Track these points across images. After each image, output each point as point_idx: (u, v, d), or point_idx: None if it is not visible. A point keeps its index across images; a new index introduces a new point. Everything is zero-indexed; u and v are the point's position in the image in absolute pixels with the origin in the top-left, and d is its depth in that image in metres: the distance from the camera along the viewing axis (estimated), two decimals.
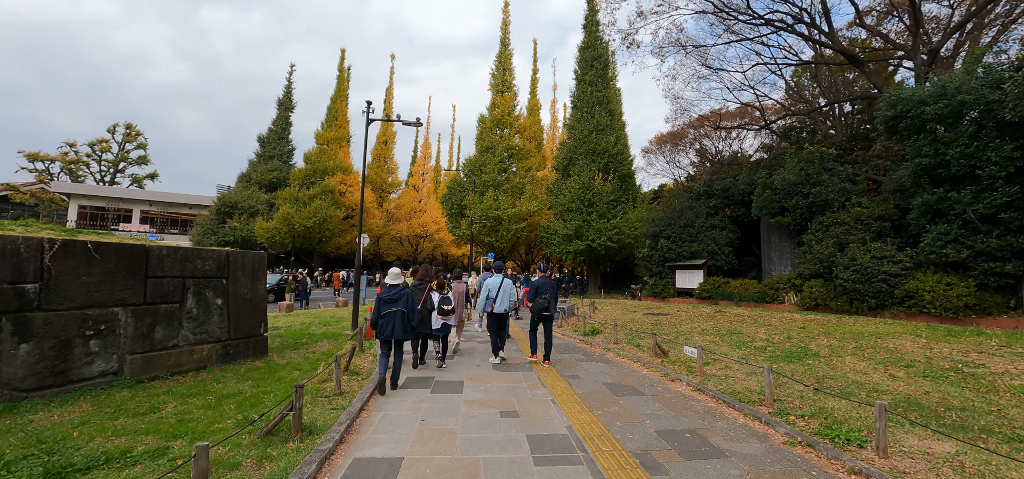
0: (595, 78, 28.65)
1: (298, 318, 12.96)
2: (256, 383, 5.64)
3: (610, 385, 6.06)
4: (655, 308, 17.24)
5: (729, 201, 21.74)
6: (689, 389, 5.76)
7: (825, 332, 9.12)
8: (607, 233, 25.01)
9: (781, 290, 17.05)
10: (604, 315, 14.05)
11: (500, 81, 33.11)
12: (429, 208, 46.05)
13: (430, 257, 47.39)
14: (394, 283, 5.92)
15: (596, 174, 26.59)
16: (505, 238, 29.13)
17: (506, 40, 34.22)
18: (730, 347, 8.23)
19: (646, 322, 11.82)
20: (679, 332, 9.94)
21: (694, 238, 21.00)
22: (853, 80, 23.98)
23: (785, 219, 17.68)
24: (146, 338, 5.58)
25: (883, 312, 13.74)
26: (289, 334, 9.58)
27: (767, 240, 20.16)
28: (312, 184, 35.47)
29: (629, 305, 18.10)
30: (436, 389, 5.79)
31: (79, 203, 39.16)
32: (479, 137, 32.54)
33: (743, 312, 13.60)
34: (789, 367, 6.61)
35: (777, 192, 17.79)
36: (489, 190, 29.73)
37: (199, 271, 6.20)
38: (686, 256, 21.03)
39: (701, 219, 21.34)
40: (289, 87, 45.57)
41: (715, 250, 20.49)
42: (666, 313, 14.32)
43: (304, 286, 17.96)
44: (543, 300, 7.28)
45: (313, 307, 18.36)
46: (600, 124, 27.71)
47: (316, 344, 8.62)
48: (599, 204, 25.92)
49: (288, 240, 34.61)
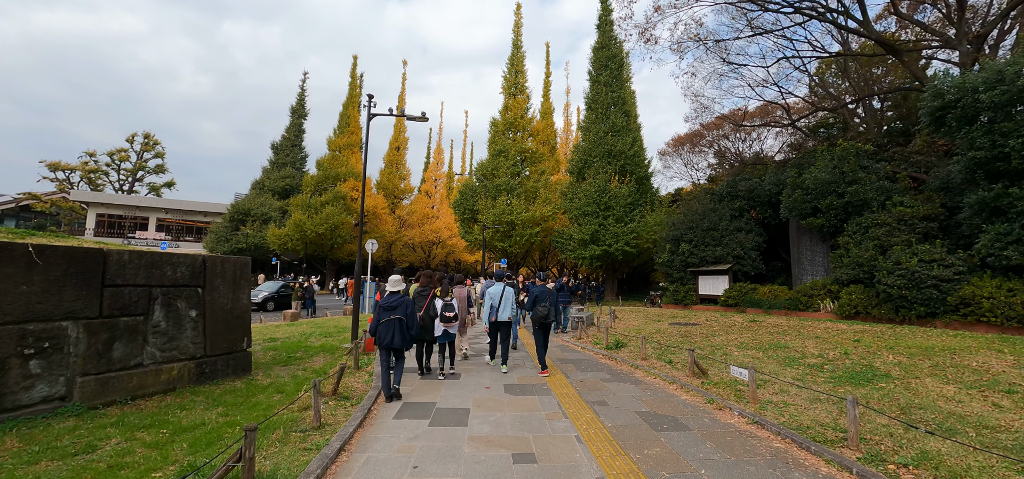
0: (610, 79, 27.66)
1: (300, 328, 12.22)
2: (227, 410, 4.81)
3: (646, 415, 5.08)
4: (680, 317, 16.09)
5: (755, 202, 20.50)
6: (743, 421, 4.76)
7: (886, 346, 7.94)
8: (624, 237, 23.91)
9: (816, 297, 15.75)
10: (626, 325, 13.00)
11: (512, 84, 32.35)
12: (442, 214, 45.48)
13: (443, 263, 46.76)
14: (394, 290, 5.76)
15: (612, 176, 25.55)
16: (519, 243, 28.21)
17: (518, 42, 33.50)
18: (779, 364, 7.14)
19: (674, 333, 10.75)
20: (713, 345, 8.86)
21: (718, 242, 19.79)
22: (883, 74, 22.60)
23: (818, 220, 16.41)
24: (102, 357, 4.80)
25: (934, 321, 12.46)
26: (285, 347, 8.79)
27: (797, 243, 18.86)
28: (324, 190, 35.14)
29: (651, 313, 16.98)
30: (436, 419, 4.91)
31: (97, 211, 39.53)
32: (491, 141, 31.78)
33: (780, 321, 12.40)
34: (858, 391, 5.53)
35: (809, 192, 16.56)
36: (502, 194, 28.90)
37: (169, 279, 5.42)
38: (710, 261, 19.83)
39: (725, 222, 20.13)
40: (302, 95, 45.57)
41: (741, 254, 19.25)
42: (694, 322, 13.21)
43: (311, 294, 17.29)
44: (543, 309, 7.19)
45: (320, 315, 17.68)
46: (616, 125, 26.69)
47: (311, 359, 7.80)
48: (616, 207, 24.85)
49: (300, 247, 34.27)
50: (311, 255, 35.80)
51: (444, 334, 6.95)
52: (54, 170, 43.21)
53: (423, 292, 6.86)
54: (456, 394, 5.84)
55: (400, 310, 5.61)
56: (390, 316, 5.55)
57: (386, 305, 5.64)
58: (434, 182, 50.97)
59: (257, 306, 18.83)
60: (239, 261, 6.29)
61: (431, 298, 6.83)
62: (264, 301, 19.41)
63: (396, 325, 5.55)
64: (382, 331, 5.56)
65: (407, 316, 5.67)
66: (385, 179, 43.99)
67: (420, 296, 6.85)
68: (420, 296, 6.85)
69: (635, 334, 10.84)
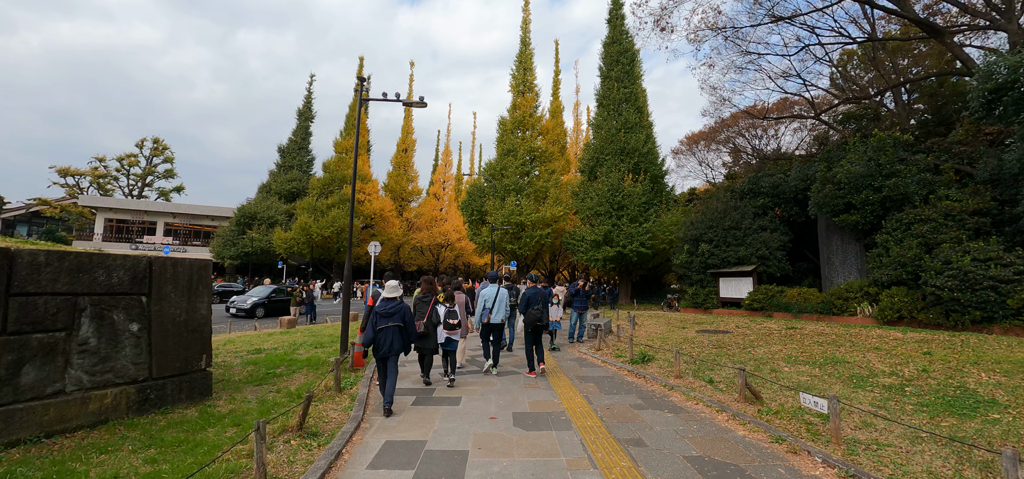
0: (622, 74, 26.48)
1: (292, 337, 11.28)
2: (159, 454, 3.78)
3: (699, 463, 3.91)
4: (706, 323, 14.85)
5: (779, 200, 19.17)
6: (834, 474, 3.60)
7: (968, 360, 6.68)
8: (639, 238, 22.68)
9: (851, 300, 14.41)
10: (648, 332, 11.82)
11: (521, 81, 31.33)
12: (450, 217, 44.60)
13: (452, 266, 45.83)
14: (391, 296, 5.58)
15: (626, 175, 24.36)
16: (528, 245, 27.08)
17: (527, 40, 32.48)
18: (845, 385, 5.95)
19: (704, 343, 9.56)
20: (755, 359, 7.68)
21: (741, 242, 18.48)
22: (910, 63, 21.13)
23: (852, 217, 15.10)
24: (4, 384, 3.82)
25: (991, 326, 11.19)
26: (267, 361, 7.81)
27: (826, 242, 17.53)
28: (330, 193, 34.41)
29: (672, 319, 15.74)
30: (424, 470, 3.78)
31: (106, 216, 39.32)
32: (500, 140, 30.74)
33: (822, 329, 11.14)
34: (964, 426, 4.33)
35: (841, 187, 15.26)
36: (511, 195, 27.82)
37: (103, 286, 4.44)
38: (732, 262, 18.52)
39: (748, 220, 18.82)
40: (309, 97, 45.07)
41: (766, 255, 17.93)
42: (724, 330, 11.98)
43: (311, 299, 16.34)
44: (536, 311, 7.13)
45: (321, 321, 16.73)
46: (628, 121, 25.50)
47: (292, 377, 6.80)
48: (630, 207, 23.64)
49: (306, 250, 33.56)
50: (318, 259, 35.08)
51: (447, 341, 6.78)
52: (64, 175, 43.21)
53: (425, 299, 6.62)
54: (453, 427, 4.75)
55: (399, 317, 5.46)
56: (388, 323, 5.40)
57: (383, 312, 5.44)
58: (442, 184, 50.14)
59: (245, 313, 17.85)
60: (196, 264, 5.29)
61: (433, 305, 6.57)
62: (253, 308, 18.19)
63: (395, 332, 5.41)
64: (380, 340, 5.40)
65: (406, 322, 5.54)
66: (392, 181, 43.24)
67: (421, 303, 6.60)
68: (421, 303, 6.60)
69: (660, 344, 9.68)
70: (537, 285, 7.69)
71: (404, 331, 5.51)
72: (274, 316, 18.54)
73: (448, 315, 6.63)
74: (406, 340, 5.58)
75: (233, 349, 9.23)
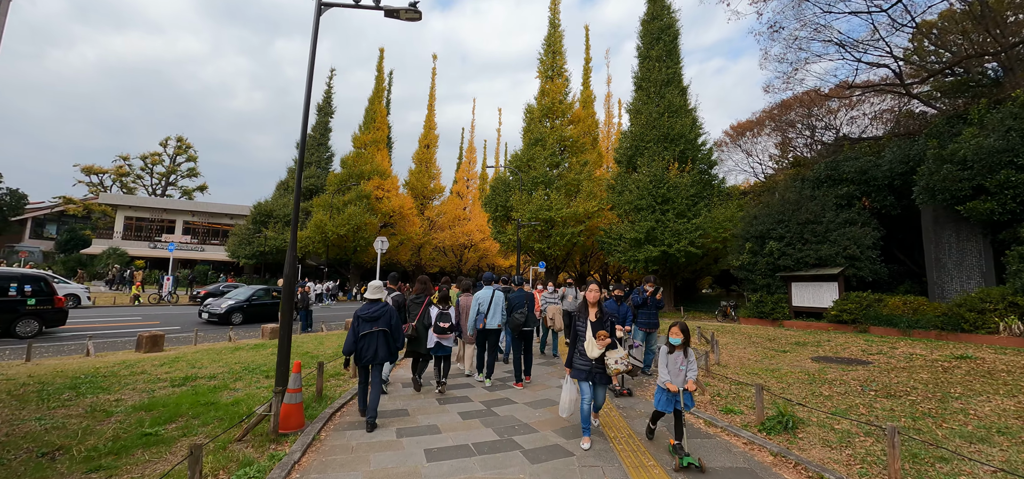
0: (663, 53, 23.48)
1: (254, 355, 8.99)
2: None
3: None
4: (806, 343, 11.85)
5: (868, 187, 15.86)
6: None
7: None
8: (689, 235, 19.67)
9: (989, 313, 11.06)
10: (737, 359, 8.93)
11: (549, 66, 28.72)
12: (474, 216, 42.38)
13: (475, 267, 43.52)
14: (374, 298, 5.18)
15: (671, 164, 21.34)
16: (559, 244, 24.34)
17: (556, 21, 29.86)
18: None
19: (848, 384, 6.54)
20: (951, 420, 4.79)
21: (822, 238, 15.25)
22: None
23: (984, 205, 11.81)
24: None
25: None
26: (175, 403, 5.39)
27: (935, 239, 14.18)
28: (347, 190, 32.63)
29: (755, 337, 12.69)
30: None
31: (125, 214, 38.87)
32: (527, 129, 28.18)
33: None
34: None
35: (966, 166, 12.01)
36: (539, 188, 25.16)
37: None
38: (811, 263, 15.31)
39: (830, 213, 15.55)
40: (329, 92, 43.67)
41: (856, 255, 14.64)
42: (855, 359, 9.00)
43: (306, 303, 14.09)
44: (520, 316, 6.90)
45: (316, 329, 14.51)
46: (673, 105, 22.50)
47: (173, 447, 4.22)
48: (677, 200, 20.65)
49: (322, 250, 31.86)
50: (334, 258, 33.33)
51: (437, 346, 6.34)
52: (88, 174, 43.21)
53: (418, 300, 6.38)
54: None
55: (383, 321, 5.05)
56: (371, 328, 4.99)
57: (365, 316, 5.03)
58: (466, 182, 47.99)
59: (218, 319, 15.20)
60: None
61: (425, 306, 6.29)
62: (229, 313, 15.41)
63: (379, 339, 4.99)
64: (362, 347, 4.97)
65: (392, 327, 5.11)
66: (414, 179, 41.34)
67: (415, 304, 6.36)
68: (415, 304, 6.36)
69: (774, 381, 6.85)
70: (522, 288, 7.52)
71: (389, 337, 5.04)
72: (258, 322, 15.74)
73: (439, 318, 6.15)
74: (392, 346, 5.09)
75: (158, 374, 6.99)
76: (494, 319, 6.85)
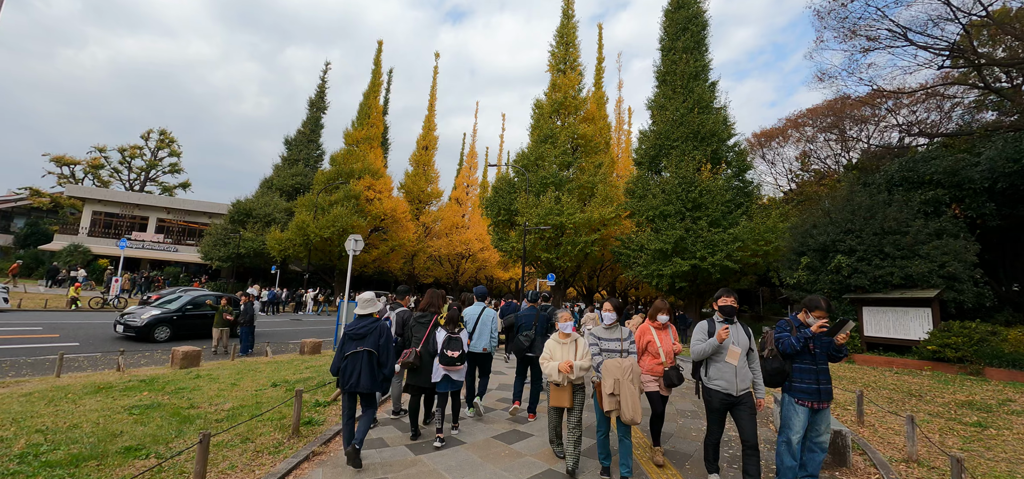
0: (690, 44, 20.72)
1: (155, 394, 5.80)
2: None
3: None
4: (925, 393, 8.73)
5: (960, 192, 12.90)
6: None
7: None
8: (726, 247, 16.63)
9: None
10: (880, 423, 5.80)
11: (561, 58, 25.94)
12: (473, 224, 39.32)
13: (473, 280, 40.27)
14: (365, 312, 4.27)
15: (702, 165, 18.38)
16: (570, 254, 21.22)
17: (569, 11, 27.16)
18: None
19: None
20: None
21: (910, 253, 12.16)
22: None
23: None
24: None
25: None
26: None
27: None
28: (335, 189, 29.57)
29: (859, 377, 9.54)
30: None
31: (93, 209, 35.66)
32: (535, 125, 25.27)
33: None
34: None
35: None
36: (548, 189, 22.10)
37: None
38: (895, 283, 12.23)
39: (919, 221, 12.51)
40: (322, 86, 40.98)
41: (957, 274, 11.57)
42: None
43: (249, 318, 10.65)
44: (525, 339, 5.91)
45: (259, 351, 11.23)
46: (702, 100, 19.64)
47: None
48: (710, 206, 17.67)
49: (303, 253, 28.63)
50: (317, 264, 30.11)
51: (445, 381, 4.72)
52: (59, 164, 40.07)
53: (423, 319, 4.93)
54: None
55: (370, 340, 4.12)
56: (356, 347, 4.08)
57: (352, 333, 4.15)
58: (466, 189, 45.03)
59: (137, 334, 11.50)
60: None
61: (432, 328, 4.83)
62: (150, 327, 11.64)
63: (363, 359, 4.05)
64: (345, 368, 4.08)
65: (379, 348, 4.13)
66: (410, 181, 38.33)
67: (419, 324, 4.93)
68: (419, 324, 4.93)
69: None
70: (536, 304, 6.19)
71: (374, 359, 4.06)
72: (190, 339, 12.20)
73: (447, 344, 4.61)
74: (377, 372, 4.09)
75: None
76: (480, 341, 5.80)
